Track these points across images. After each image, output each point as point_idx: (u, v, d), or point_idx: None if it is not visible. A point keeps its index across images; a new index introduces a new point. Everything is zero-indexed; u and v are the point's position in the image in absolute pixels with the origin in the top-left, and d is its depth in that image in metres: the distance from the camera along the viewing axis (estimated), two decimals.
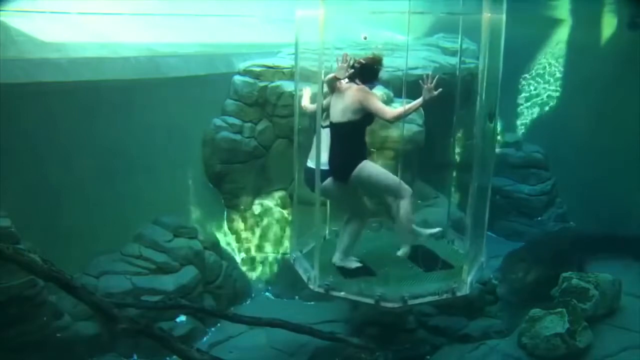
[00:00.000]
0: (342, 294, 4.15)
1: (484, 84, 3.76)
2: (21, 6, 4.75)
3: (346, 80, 4.14)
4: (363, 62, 4.14)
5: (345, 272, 4.37)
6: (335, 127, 4.14)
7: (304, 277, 4.35)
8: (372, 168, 4.31)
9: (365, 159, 4.26)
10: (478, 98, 3.81)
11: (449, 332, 5.34)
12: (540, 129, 9.30)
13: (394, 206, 4.36)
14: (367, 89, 4.10)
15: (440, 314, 5.36)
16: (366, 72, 4.14)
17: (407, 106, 4.02)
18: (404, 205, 4.36)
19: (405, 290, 4.08)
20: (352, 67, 4.05)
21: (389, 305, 4.01)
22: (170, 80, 5.77)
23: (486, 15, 3.58)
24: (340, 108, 4.11)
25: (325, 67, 4.04)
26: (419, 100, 3.96)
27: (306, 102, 4.49)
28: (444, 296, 4.12)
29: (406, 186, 4.32)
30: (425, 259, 4.59)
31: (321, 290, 4.15)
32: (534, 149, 8.75)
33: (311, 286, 4.21)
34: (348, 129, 4.11)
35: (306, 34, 4.21)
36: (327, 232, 5.08)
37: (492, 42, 3.71)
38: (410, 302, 4.04)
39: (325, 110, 4.23)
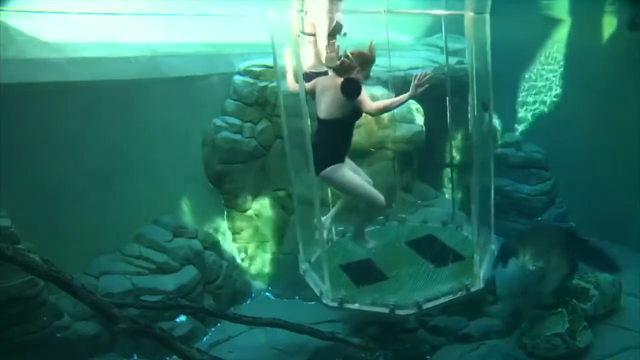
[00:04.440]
0: (356, 305, 4.08)
1: (474, 78, 3.80)
2: (21, 6, 4.75)
3: (332, 72, 4.04)
4: (352, 58, 3.99)
5: (357, 280, 4.32)
6: (320, 123, 4.07)
7: (316, 292, 4.31)
8: (344, 174, 4.19)
9: (342, 161, 4.18)
10: (469, 91, 3.85)
11: (449, 332, 5.33)
12: (540, 129, 9.29)
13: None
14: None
15: (441, 313, 5.36)
16: (345, 88, 3.95)
17: (391, 100, 4.00)
18: (368, 212, 4.43)
19: (418, 294, 4.03)
20: (340, 59, 3.93)
21: (404, 313, 3.96)
22: (170, 80, 5.76)
23: (469, 14, 3.64)
24: (326, 103, 4.02)
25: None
26: (405, 95, 3.91)
27: (291, 81, 4.26)
28: (459, 294, 4.07)
29: (380, 199, 4.25)
30: (434, 254, 4.57)
31: (335, 304, 4.09)
32: (534, 149, 8.74)
33: (324, 301, 4.14)
34: (330, 125, 4.04)
35: (280, 34, 4.08)
36: (333, 234, 5.05)
37: (479, 39, 3.80)
38: (425, 306, 3.98)
39: (309, 94, 4.13)
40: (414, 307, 3.95)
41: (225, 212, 6.49)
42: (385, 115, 5.94)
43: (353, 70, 4.00)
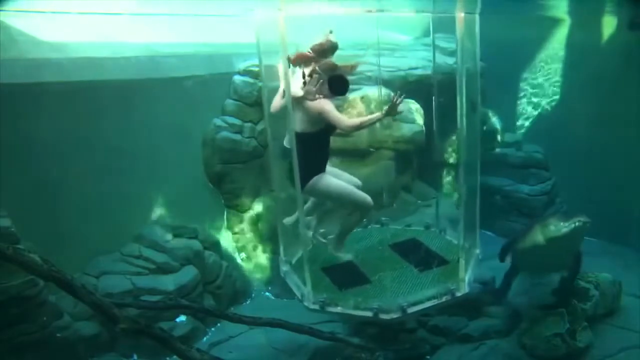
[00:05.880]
0: (339, 309, 4.07)
1: (463, 78, 3.84)
2: (21, 6, 4.75)
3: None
4: (319, 71, 4.01)
5: (339, 283, 4.29)
6: (296, 137, 4.05)
7: (297, 294, 4.28)
8: (329, 182, 4.20)
9: (323, 171, 4.20)
10: (457, 91, 3.89)
11: (449, 332, 5.33)
12: (540, 129, 9.29)
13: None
14: (324, 100, 4.02)
15: (440, 313, 5.36)
16: (332, 85, 4.02)
17: (365, 118, 4.09)
18: (356, 217, 4.39)
19: (402, 298, 4.02)
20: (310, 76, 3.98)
21: (388, 317, 3.94)
22: (170, 80, 5.76)
23: (460, 15, 3.69)
24: (299, 118, 4.06)
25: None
26: (379, 115, 4.00)
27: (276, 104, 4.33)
28: (444, 299, 4.08)
29: (368, 200, 4.25)
30: (418, 258, 4.56)
31: (316, 307, 4.07)
32: (534, 149, 8.74)
33: (306, 303, 4.13)
34: (306, 139, 4.04)
35: (268, 34, 4.06)
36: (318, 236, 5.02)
37: (468, 39, 3.86)
38: (410, 310, 3.97)
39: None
40: (398, 311, 3.94)
41: (225, 212, 6.49)
42: None
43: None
